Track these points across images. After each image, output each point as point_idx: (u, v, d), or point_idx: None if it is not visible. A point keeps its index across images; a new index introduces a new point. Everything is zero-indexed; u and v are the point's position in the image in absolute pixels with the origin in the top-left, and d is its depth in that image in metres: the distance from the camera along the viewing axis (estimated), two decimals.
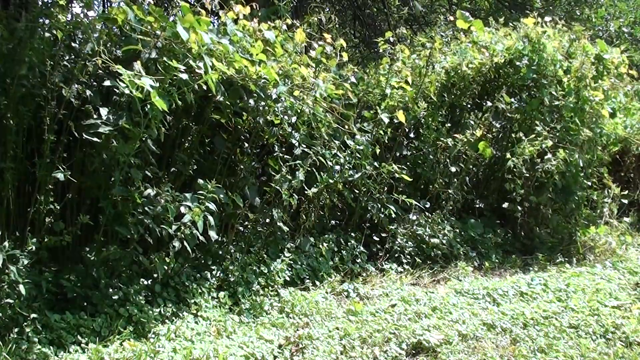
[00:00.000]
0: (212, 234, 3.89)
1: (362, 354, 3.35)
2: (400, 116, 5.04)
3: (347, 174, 4.81)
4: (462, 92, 6.08)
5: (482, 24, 6.34)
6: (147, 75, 3.31)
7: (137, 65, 3.30)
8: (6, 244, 3.11)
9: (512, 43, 6.06)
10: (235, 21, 4.28)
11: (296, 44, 4.64)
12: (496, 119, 5.97)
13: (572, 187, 5.94)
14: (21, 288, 3.05)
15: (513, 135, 6.00)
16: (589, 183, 6.24)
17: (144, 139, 3.51)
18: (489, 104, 5.95)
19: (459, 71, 5.98)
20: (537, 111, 5.95)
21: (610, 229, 6.29)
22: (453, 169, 5.84)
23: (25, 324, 3.10)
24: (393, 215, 5.22)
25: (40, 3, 3.72)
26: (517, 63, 5.96)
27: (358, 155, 4.90)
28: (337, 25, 5.30)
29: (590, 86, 6.04)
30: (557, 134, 5.89)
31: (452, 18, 6.59)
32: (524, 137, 5.76)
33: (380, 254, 5.21)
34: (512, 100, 5.97)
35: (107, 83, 3.35)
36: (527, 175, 5.77)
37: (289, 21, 4.81)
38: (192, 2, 5.82)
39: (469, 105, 6.15)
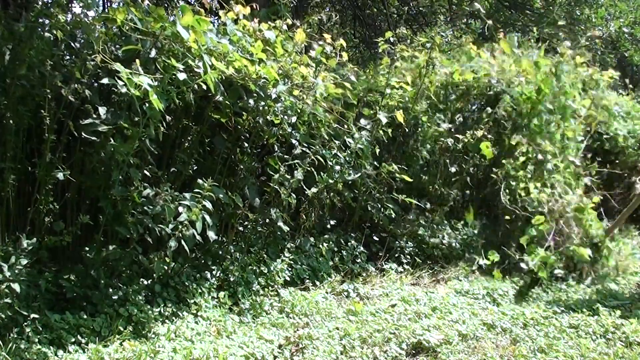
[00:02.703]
0: (211, 234, 3.88)
1: (362, 354, 3.34)
2: (399, 116, 5.04)
3: (347, 174, 4.80)
4: (467, 99, 6.07)
5: (508, 46, 6.32)
6: (146, 74, 3.31)
7: (136, 64, 3.30)
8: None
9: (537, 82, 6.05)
10: (235, 21, 4.28)
11: (296, 43, 4.63)
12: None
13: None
14: (16, 286, 3.03)
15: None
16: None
17: (143, 138, 3.51)
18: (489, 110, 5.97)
19: (468, 81, 5.98)
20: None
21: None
22: (453, 169, 5.84)
23: (25, 323, 3.09)
24: (393, 215, 5.22)
25: (40, 3, 3.71)
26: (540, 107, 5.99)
27: (358, 155, 4.90)
28: (337, 25, 5.30)
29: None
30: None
31: (477, 25, 6.59)
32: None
33: (380, 254, 5.21)
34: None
35: (105, 81, 3.34)
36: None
37: (289, 21, 4.80)
38: (192, 2, 5.81)
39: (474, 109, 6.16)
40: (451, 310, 4.09)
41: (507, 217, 5.64)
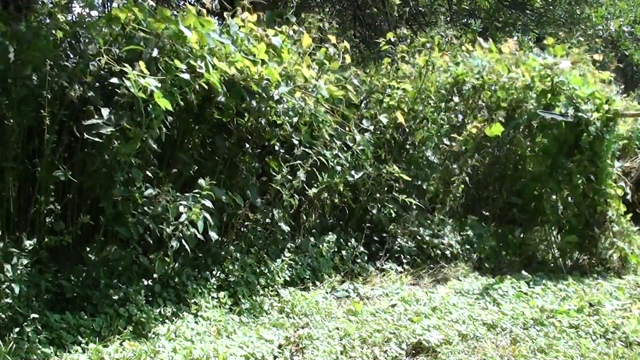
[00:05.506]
0: (213, 234, 3.88)
1: (362, 354, 3.34)
2: (400, 117, 5.04)
3: (348, 174, 4.80)
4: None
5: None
6: (150, 75, 3.31)
7: (140, 65, 3.30)
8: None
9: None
10: (242, 26, 4.28)
11: (305, 51, 4.64)
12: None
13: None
14: (15, 287, 3.03)
15: None
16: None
17: (145, 139, 3.51)
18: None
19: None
20: None
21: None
22: (454, 166, 5.83)
23: (25, 323, 3.10)
24: (393, 215, 5.22)
25: (40, 3, 3.71)
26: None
27: (359, 155, 4.90)
28: (338, 26, 5.31)
29: None
30: None
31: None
32: None
33: (380, 254, 5.21)
34: None
35: (114, 80, 3.34)
36: None
37: (295, 27, 4.81)
38: (193, 2, 5.80)
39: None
40: (451, 310, 4.09)
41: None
